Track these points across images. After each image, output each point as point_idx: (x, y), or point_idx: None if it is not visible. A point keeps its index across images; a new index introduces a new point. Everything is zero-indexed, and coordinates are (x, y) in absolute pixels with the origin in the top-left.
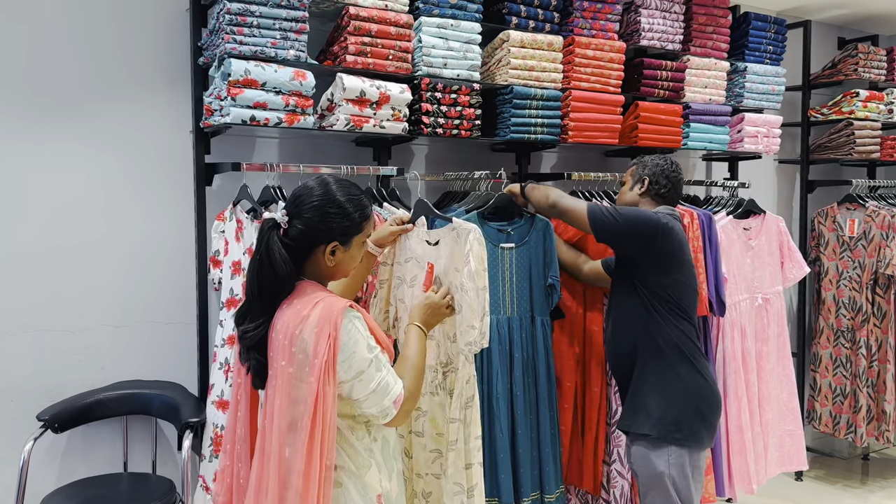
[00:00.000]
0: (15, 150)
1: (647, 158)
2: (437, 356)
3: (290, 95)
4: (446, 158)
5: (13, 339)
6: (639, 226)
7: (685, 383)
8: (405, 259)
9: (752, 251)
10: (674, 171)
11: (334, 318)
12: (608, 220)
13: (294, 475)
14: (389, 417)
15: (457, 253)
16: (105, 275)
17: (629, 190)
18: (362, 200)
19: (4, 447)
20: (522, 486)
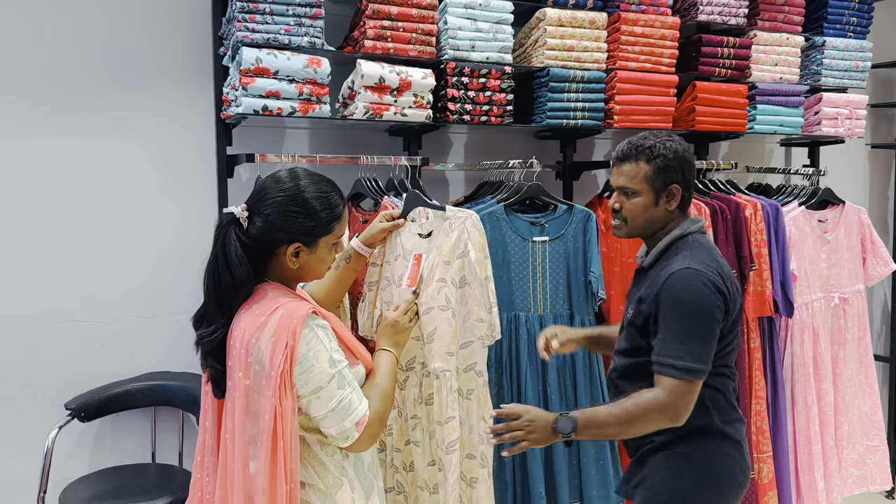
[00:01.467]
0: (42, 144)
1: (659, 148)
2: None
3: (304, 84)
4: (485, 147)
5: (45, 329)
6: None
7: (706, 455)
8: (394, 257)
9: (828, 245)
10: (691, 154)
11: (293, 326)
12: (690, 358)
13: (259, 494)
14: (350, 440)
15: (448, 244)
16: (133, 267)
17: (652, 206)
18: (331, 199)
19: (37, 434)
20: (559, 495)
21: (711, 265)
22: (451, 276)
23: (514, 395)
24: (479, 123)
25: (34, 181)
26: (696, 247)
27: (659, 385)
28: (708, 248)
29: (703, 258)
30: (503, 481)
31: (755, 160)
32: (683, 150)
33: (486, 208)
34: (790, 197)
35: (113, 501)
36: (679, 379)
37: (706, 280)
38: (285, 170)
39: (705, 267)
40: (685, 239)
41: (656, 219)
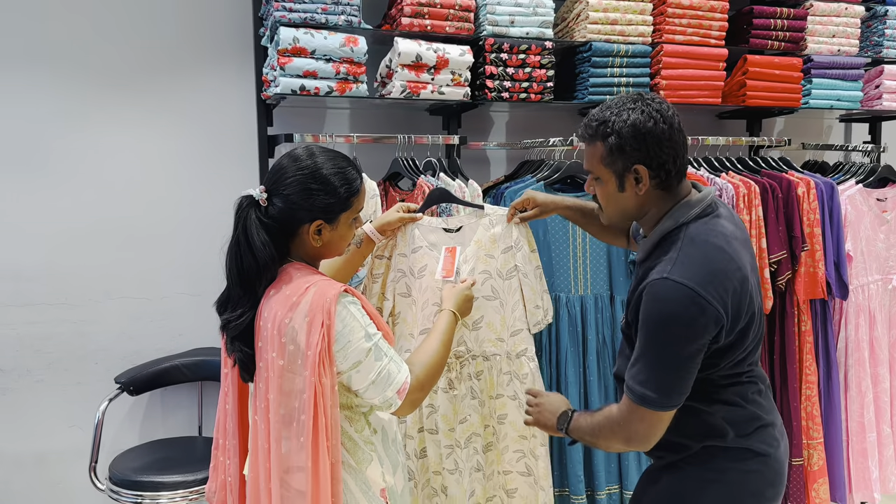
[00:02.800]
0: (89, 126)
1: (615, 124)
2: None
3: (341, 63)
4: (527, 126)
5: (97, 305)
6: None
7: (727, 480)
8: (412, 250)
9: (888, 225)
10: (670, 125)
11: (327, 305)
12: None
13: (295, 473)
14: (394, 407)
15: (489, 239)
16: (180, 245)
17: (617, 192)
18: (349, 173)
19: (90, 407)
20: (596, 479)
21: (703, 271)
22: (497, 269)
23: (552, 377)
24: (518, 101)
25: (84, 163)
26: (686, 245)
27: (621, 403)
28: (703, 242)
29: (690, 262)
30: None
31: (812, 137)
32: (646, 121)
33: (526, 187)
34: (847, 175)
35: (159, 472)
36: (636, 404)
37: (685, 295)
38: (301, 148)
39: (689, 277)
40: (678, 232)
41: (629, 205)
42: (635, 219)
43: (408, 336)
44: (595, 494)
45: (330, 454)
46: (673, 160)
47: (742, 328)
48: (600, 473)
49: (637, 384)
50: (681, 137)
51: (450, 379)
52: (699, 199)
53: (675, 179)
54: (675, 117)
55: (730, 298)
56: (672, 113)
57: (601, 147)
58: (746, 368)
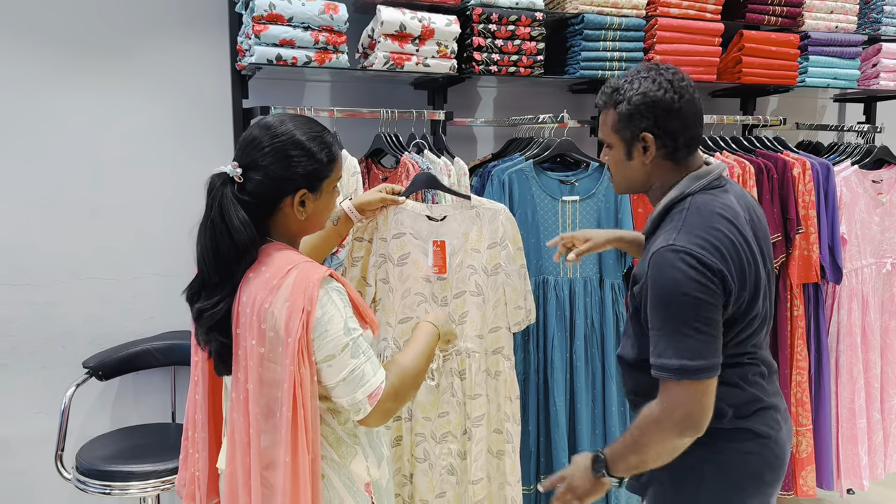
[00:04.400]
0: (56, 97)
1: (627, 93)
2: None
3: (320, 31)
4: (515, 102)
5: (63, 286)
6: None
7: (725, 460)
8: (392, 235)
9: (882, 208)
10: (682, 96)
11: (310, 290)
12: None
13: (277, 469)
14: (362, 414)
15: (475, 233)
16: (151, 223)
17: (625, 160)
18: (325, 137)
19: (56, 392)
20: None
21: (704, 237)
22: (483, 265)
23: (539, 362)
24: (507, 75)
25: (49, 135)
26: (692, 213)
27: (660, 393)
28: (708, 212)
29: (694, 229)
30: (527, 451)
31: (806, 117)
32: (656, 90)
33: (514, 165)
34: (842, 155)
35: (129, 461)
36: (677, 381)
37: (690, 260)
38: (271, 116)
39: (693, 242)
40: (683, 202)
41: (635, 174)
42: (642, 188)
43: (385, 325)
44: None
45: (310, 449)
46: (682, 131)
47: (746, 303)
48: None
49: (666, 360)
50: (691, 109)
51: (432, 370)
52: (707, 171)
53: (684, 152)
54: (689, 89)
55: (734, 267)
56: (685, 84)
57: (612, 114)
58: (749, 349)
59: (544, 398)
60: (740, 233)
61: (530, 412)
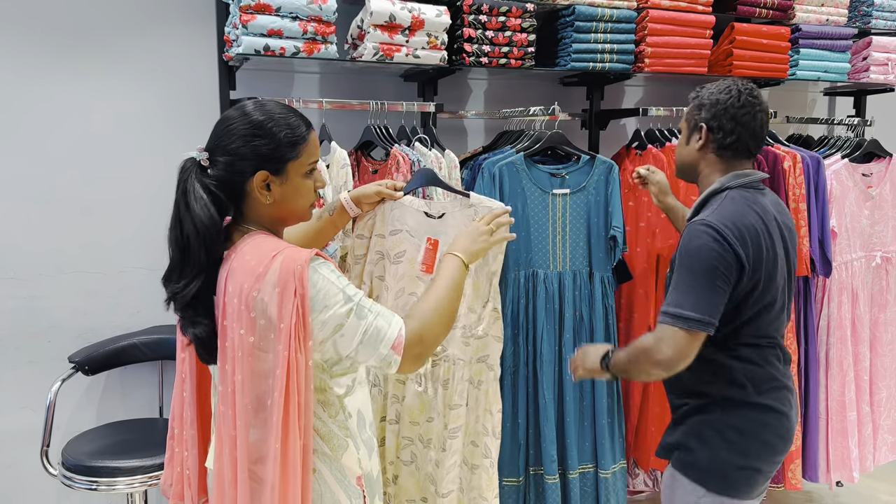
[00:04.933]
0: (42, 88)
1: (705, 93)
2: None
3: (309, 21)
4: (506, 95)
5: (49, 280)
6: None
7: (742, 427)
8: (390, 231)
9: (872, 201)
10: (743, 105)
11: (299, 271)
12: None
13: (266, 463)
14: (395, 366)
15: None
16: (137, 216)
17: (685, 143)
18: (290, 119)
19: (42, 387)
20: (569, 458)
21: (731, 219)
22: (476, 265)
23: (528, 354)
24: (497, 66)
25: (33, 127)
26: (727, 202)
27: (656, 330)
28: (741, 204)
29: (725, 213)
30: (516, 442)
31: (796, 110)
32: (726, 94)
33: (504, 158)
34: (832, 149)
35: (115, 456)
36: (670, 325)
37: (716, 233)
38: (246, 101)
39: (721, 221)
40: (722, 193)
41: (687, 158)
42: (690, 172)
43: None
44: (567, 473)
45: (301, 436)
46: (732, 132)
47: (762, 288)
48: (573, 453)
49: (668, 307)
50: (748, 120)
51: (420, 375)
52: (749, 173)
53: (731, 152)
54: (755, 105)
55: (752, 251)
56: (752, 101)
57: (690, 107)
58: (770, 334)
59: (533, 391)
60: (765, 226)
61: (520, 405)
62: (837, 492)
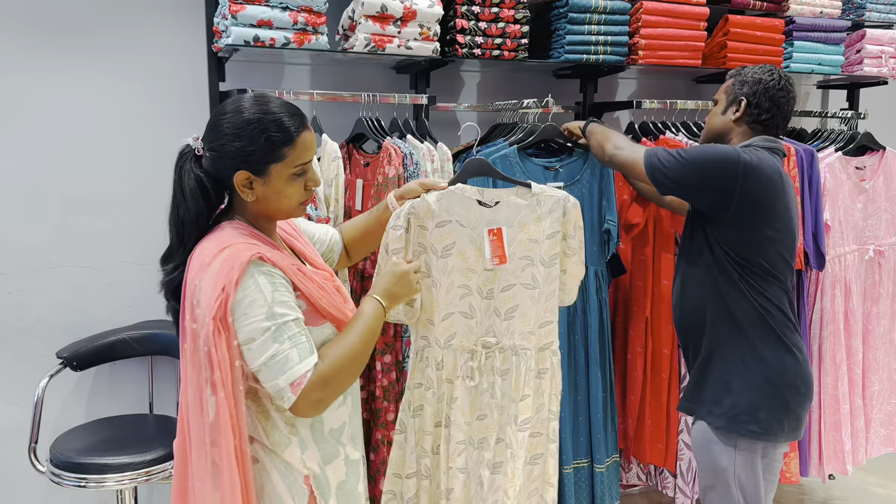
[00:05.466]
0: (26, 80)
1: (747, 71)
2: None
3: (299, 12)
4: (499, 87)
5: (38, 275)
6: (710, 170)
7: (767, 366)
8: (436, 224)
9: (865, 194)
10: (781, 88)
11: (233, 272)
12: (669, 168)
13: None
14: (287, 402)
15: (534, 221)
16: (126, 210)
17: (721, 113)
18: (281, 120)
19: (30, 383)
20: (563, 453)
21: (756, 157)
22: (541, 256)
23: None
24: (490, 58)
25: (19, 119)
26: (752, 149)
27: (643, 158)
28: (766, 155)
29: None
30: None
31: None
32: (768, 77)
33: (497, 151)
34: (826, 142)
35: (105, 453)
36: (643, 160)
37: (737, 153)
38: (246, 94)
39: (744, 149)
40: (750, 147)
41: (720, 125)
42: (718, 139)
43: (426, 322)
44: (562, 469)
45: (235, 434)
46: (767, 110)
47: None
48: (566, 447)
49: (651, 156)
50: (783, 103)
51: (472, 368)
52: (775, 140)
53: (763, 127)
54: (791, 91)
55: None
56: (789, 87)
57: (731, 82)
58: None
59: None
60: (783, 182)
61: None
62: (830, 485)
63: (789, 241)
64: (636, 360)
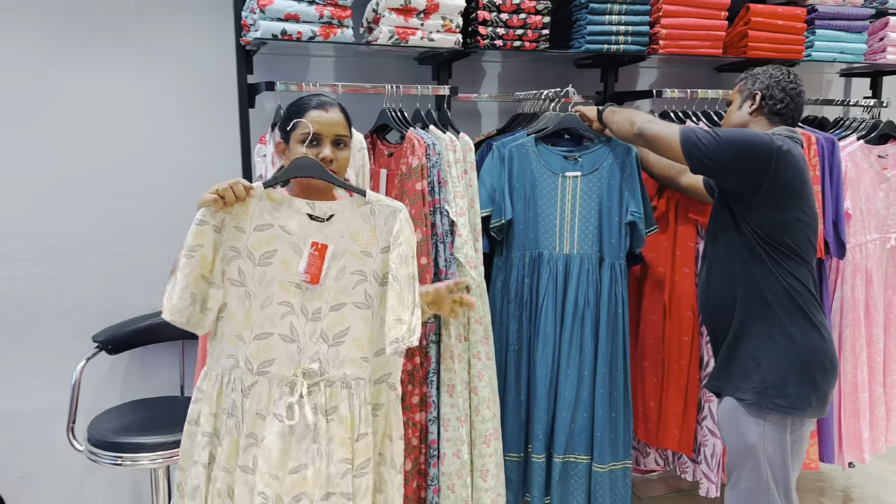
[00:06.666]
0: (67, 74)
1: (758, 70)
2: (292, 366)
3: (325, 6)
4: (521, 77)
5: (74, 262)
6: (746, 150)
7: (795, 342)
8: (255, 226)
9: (888, 183)
10: (792, 82)
11: None
12: (706, 145)
13: None
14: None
15: (368, 232)
16: (159, 199)
17: (737, 109)
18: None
19: (68, 365)
20: (556, 441)
21: (784, 139)
22: (374, 270)
23: (531, 333)
24: (512, 49)
25: (57, 112)
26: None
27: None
28: (790, 142)
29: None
30: (519, 420)
31: (811, 92)
32: (780, 74)
33: (513, 140)
34: (848, 131)
35: (139, 433)
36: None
37: (770, 135)
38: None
39: (776, 136)
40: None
41: (736, 119)
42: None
43: (234, 339)
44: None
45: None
46: (782, 101)
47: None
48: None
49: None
50: (794, 96)
51: (291, 405)
52: (794, 130)
53: (780, 117)
54: (801, 85)
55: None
56: (799, 81)
57: (742, 82)
58: (811, 265)
59: (527, 369)
60: (804, 167)
61: (521, 382)
62: (849, 473)
63: (814, 224)
64: (655, 346)
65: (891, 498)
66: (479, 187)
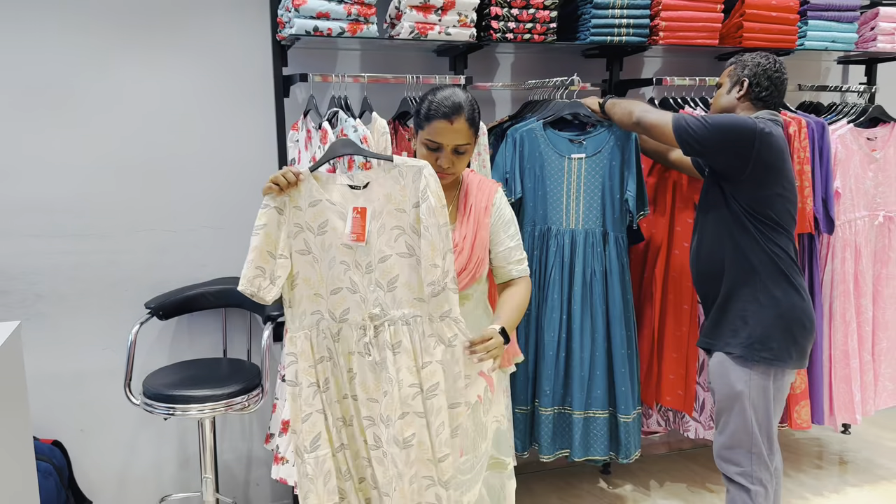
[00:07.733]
0: (119, 67)
1: (747, 57)
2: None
3: (353, 4)
4: (532, 67)
5: (127, 237)
6: (732, 134)
7: (778, 302)
8: (309, 203)
9: (876, 164)
10: (777, 70)
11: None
12: (695, 131)
13: None
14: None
15: (399, 191)
16: (202, 181)
17: (726, 93)
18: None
19: (121, 331)
20: (575, 400)
21: (766, 122)
22: (410, 224)
23: (539, 300)
24: (522, 41)
25: (111, 102)
26: (763, 120)
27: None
28: (772, 124)
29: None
30: (526, 376)
31: (810, 78)
32: (766, 62)
33: (524, 125)
34: (840, 115)
35: (189, 387)
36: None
37: (753, 119)
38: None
39: (758, 119)
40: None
41: (724, 102)
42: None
43: (314, 297)
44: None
45: None
46: (767, 89)
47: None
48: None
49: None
50: (779, 83)
51: (366, 343)
52: (776, 114)
53: (763, 103)
54: (784, 73)
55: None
56: (783, 69)
57: (732, 67)
58: (791, 236)
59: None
60: (786, 147)
61: (530, 345)
62: (845, 438)
63: (794, 198)
64: (658, 315)
65: (882, 461)
66: (493, 169)
